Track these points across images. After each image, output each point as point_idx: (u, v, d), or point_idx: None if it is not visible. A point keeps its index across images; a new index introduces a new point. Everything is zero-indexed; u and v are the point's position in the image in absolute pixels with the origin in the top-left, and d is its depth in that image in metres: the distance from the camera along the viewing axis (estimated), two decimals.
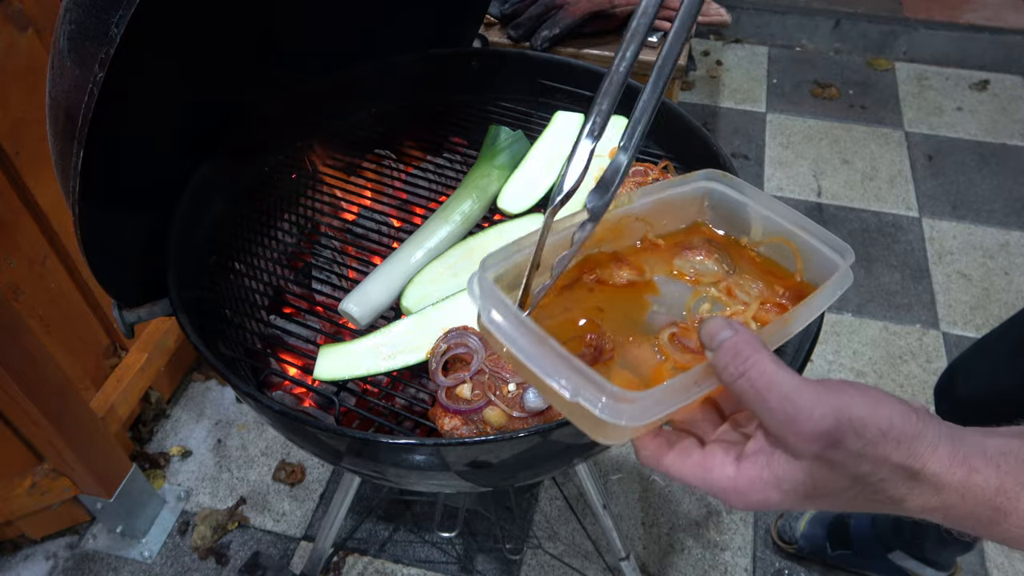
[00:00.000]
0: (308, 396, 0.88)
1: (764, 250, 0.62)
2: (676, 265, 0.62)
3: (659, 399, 0.45)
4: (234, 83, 1.00)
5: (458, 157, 1.13)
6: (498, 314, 0.49)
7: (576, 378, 0.45)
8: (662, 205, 0.63)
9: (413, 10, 1.10)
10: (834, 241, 0.58)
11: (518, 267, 0.56)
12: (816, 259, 0.59)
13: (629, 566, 1.34)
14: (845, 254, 0.57)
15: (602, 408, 0.44)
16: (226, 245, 0.98)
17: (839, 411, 0.40)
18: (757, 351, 0.42)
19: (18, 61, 1.20)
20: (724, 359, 0.43)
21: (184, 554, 1.51)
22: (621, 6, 1.61)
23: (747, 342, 0.43)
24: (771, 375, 0.41)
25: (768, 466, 0.42)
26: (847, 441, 0.40)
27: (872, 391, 0.42)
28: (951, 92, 2.75)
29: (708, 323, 0.45)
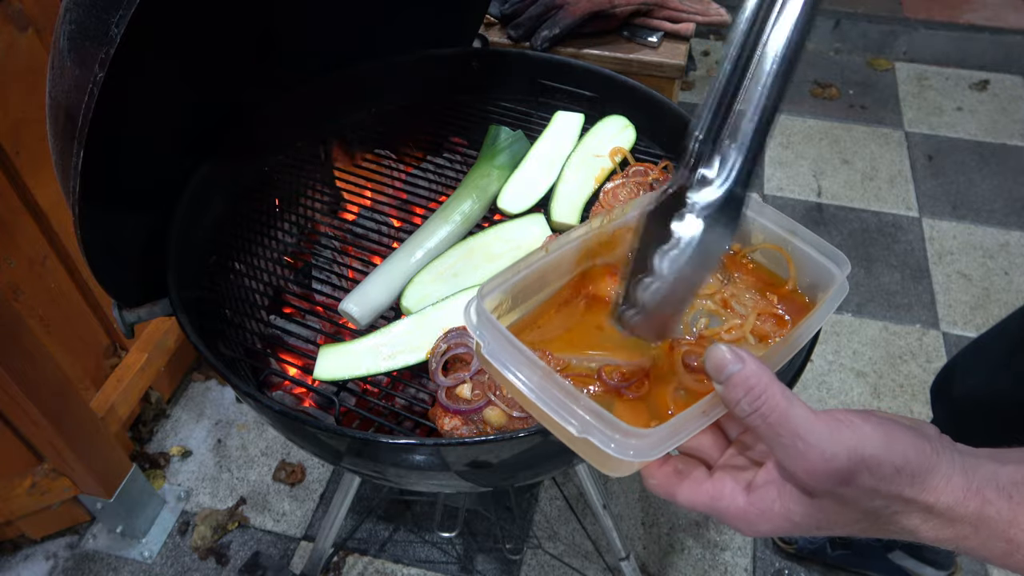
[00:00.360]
0: (308, 396, 0.88)
1: (757, 257, 0.62)
2: None
3: (668, 434, 0.45)
4: (234, 83, 1.00)
5: (458, 157, 1.13)
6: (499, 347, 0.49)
7: (584, 415, 0.44)
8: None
9: (413, 10, 1.10)
10: (828, 249, 0.58)
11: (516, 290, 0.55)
12: (810, 266, 0.59)
13: (629, 566, 1.34)
14: (841, 264, 0.56)
15: (611, 444, 0.44)
16: (226, 245, 0.98)
17: (852, 450, 0.40)
18: (768, 385, 0.42)
19: (18, 61, 1.20)
20: (736, 394, 0.43)
21: (184, 554, 1.51)
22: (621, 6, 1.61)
23: (757, 375, 0.42)
24: (783, 411, 0.41)
25: (779, 499, 0.42)
26: (860, 479, 0.40)
27: (886, 424, 0.41)
28: (951, 92, 2.75)
29: (714, 354, 0.44)
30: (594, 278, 0.61)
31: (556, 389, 0.46)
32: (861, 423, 0.41)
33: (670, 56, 1.56)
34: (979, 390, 1.13)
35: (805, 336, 0.54)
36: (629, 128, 1.06)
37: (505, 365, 0.48)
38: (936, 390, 1.23)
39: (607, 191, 0.97)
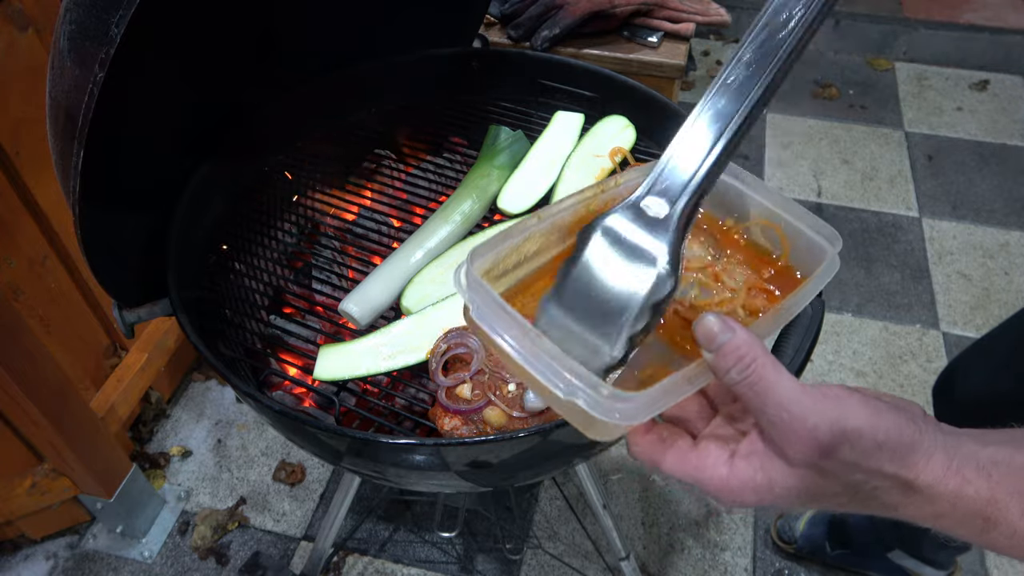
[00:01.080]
0: (308, 396, 0.88)
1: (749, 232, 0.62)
2: None
3: (653, 398, 0.45)
4: (234, 83, 1.00)
5: (458, 157, 1.13)
6: (487, 309, 0.48)
7: (570, 377, 0.44)
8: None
9: (413, 10, 1.10)
10: (821, 226, 0.57)
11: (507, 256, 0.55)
12: (802, 243, 0.58)
13: (629, 566, 1.34)
14: (833, 240, 0.56)
15: (596, 407, 0.43)
16: (226, 245, 0.98)
17: (835, 422, 0.40)
18: (759, 355, 0.42)
19: (18, 61, 1.20)
20: (726, 363, 0.43)
21: (184, 554, 1.51)
22: (621, 6, 1.61)
23: (748, 344, 0.43)
24: (771, 381, 0.42)
25: (762, 469, 0.43)
26: (841, 451, 0.40)
27: (871, 401, 0.42)
28: (951, 92, 2.75)
29: (704, 322, 0.44)
30: None
31: (543, 352, 0.45)
32: (846, 397, 0.41)
33: (670, 56, 1.56)
34: (981, 391, 1.13)
35: (794, 309, 0.53)
36: (629, 128, 1.06)
37: (493, 327, 0.47)
38: (938, 391, 1.23)
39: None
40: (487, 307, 0.49)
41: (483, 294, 0.49)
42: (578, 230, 0.58)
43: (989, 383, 1.11)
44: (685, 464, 0.45)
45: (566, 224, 0.59)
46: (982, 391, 1.12)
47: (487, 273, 0.54)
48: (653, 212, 0.49)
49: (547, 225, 0.57)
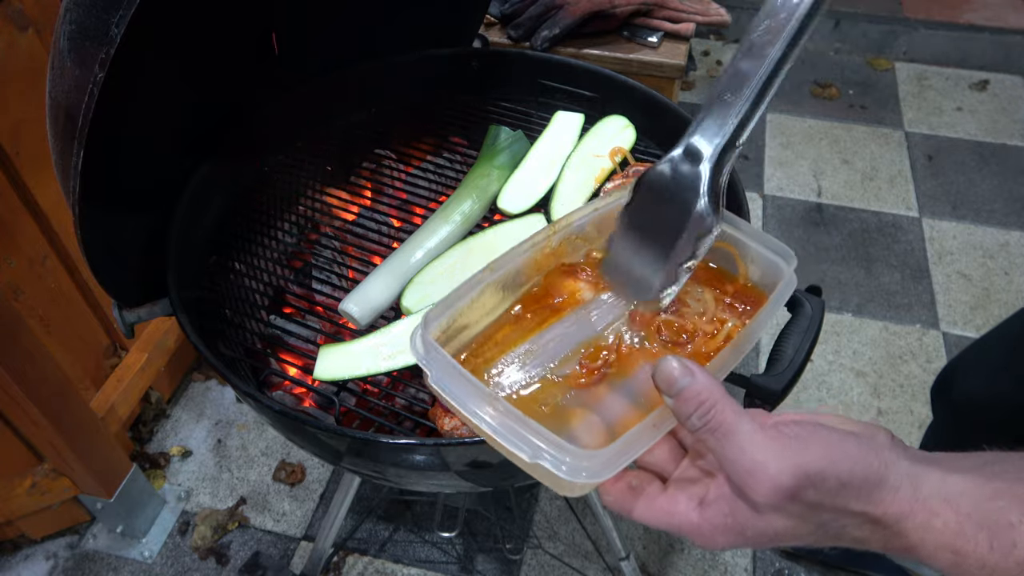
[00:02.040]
0: (308, 396, 0.88)
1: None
2: None
3: (618, 452, 0.45)
4: (234, 83, 1.00)
5: (458, 157, 1.13)
6: (446, 376, 0.49)
7: (534, 440, 0.45)
8: (601, 220, 0.63)
9: (413, 10, 1.10)
10: (775, 244, 0.58)
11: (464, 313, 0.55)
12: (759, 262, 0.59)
13: (629, 566, 1.34)
14: (787, 258, 0.57)
15: (561, 467, 0.44)
16: (226, 245, 0.99)
17: (797, 467, 0.40)
18: (718, 400, 0.43)
19: (18, 61, 1.20)
20: (687, 409, 0.43)
21: (184, 554, 1.51)
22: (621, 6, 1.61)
23: (708, 389, 0.43)
24: (731, 425, 0.42)
25: (731, 514, 0.43)
26: (805, 494, 0.41)
27: (835, 438, 0.42)
28: (951, 92, 2.75)
29: (663, 367, 0.45)
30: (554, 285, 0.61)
31: (505, 416, 0.46)
32: (809, 436, 0.42)
33: (670, 56, 1.56)
34: (979, 392, 1.13)
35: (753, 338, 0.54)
36: (629, 128, 1.06)
37: (453, 395, 0.48)
38: (936, 391, 1.23)
39: (607, 191, 0.97)
40: (445, 374, 0.49)
41: (440, 360, 0.50)
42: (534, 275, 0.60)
43: (987, 384, 1.11)
44: (656, 511, 0.46)
45: (520, 270, 0.60)
46: (980, 392, 1.12)
47: (444, 333, 0.54)
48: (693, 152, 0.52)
49: (500, 275, 0.58)
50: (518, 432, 0.45)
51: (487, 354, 0.56)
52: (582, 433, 0.51)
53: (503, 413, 0.46)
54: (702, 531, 0.44)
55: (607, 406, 0.53)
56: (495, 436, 0.46)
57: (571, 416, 0.52)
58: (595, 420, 0.52)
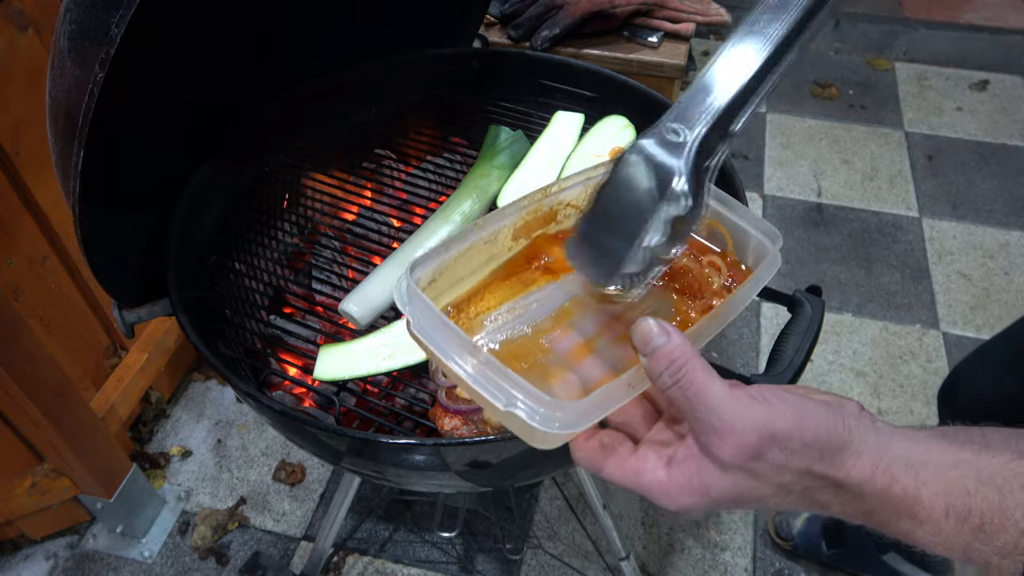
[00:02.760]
0: (308, 396, 0.88)
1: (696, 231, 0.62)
2: None
3: (593, 405, 0.46)
4: (234, 83, 1.00)
5: (458, 157, 1.13)
6: (427, 323, 0.49)
7: (509, 389, 0.45)
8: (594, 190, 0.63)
9: (413, 10, 1.10)
10: (763, 224, 0.58)
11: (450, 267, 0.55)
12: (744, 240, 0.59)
13: (629, 566, 1.34)
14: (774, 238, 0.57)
15: (535, 417, 0.44)
16: (226, 245, 0.98)
17: (763, 425, 0.41)
18: (690, 359, 0.43)
19: (18, 61, 1.20)
20: (659, 366, 0.44)
21: (184, 554, 1.51)
22: (621, 6, 1.61)
23: (680, 348, 0.44)
24: (701, 385, 0.42)
25: (698, 473, 0.44)
26: (769, 454, 0.41)
27: (801, 402, 0.43)
28: (951, 92, 2.75)
29: (641, 326, 0.45)
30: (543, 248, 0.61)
31: (483, 364, 0.46)
32: (775, 399, 0.42)
33: (670, 56, 1.56)
34: (986, 394, 1.13)
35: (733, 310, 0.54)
36: (629, 128, 1.06)
37: (433, 342, 0.48)
38: (942, 397, 1.23)
39: None
40: (427, 321, 0.49)
41: (423, 308, 0.50)
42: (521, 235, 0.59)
43: (994, 386, 1.11)
44: (625, 470, 0.46)
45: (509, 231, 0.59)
46: (987, 394, 1.12)
47: (430, 285, 0.54)
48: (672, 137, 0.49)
49: (489, 232, 0.57)
50: (494, 380, 0.45)
51: (470, 310, 0.56)
52: (559, 391, 0.51)
53: (481, 362, 0.46)
54: (668, 491, 0.44)
55: (587, 368, 0.53)
56: (471, 383, 0.46)
57: (550, 374, 0.52)
58: (573, 379, 0.52)
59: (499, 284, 0.58)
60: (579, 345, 0.55)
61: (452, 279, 0.56)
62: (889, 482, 0.41)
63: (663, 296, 0.59)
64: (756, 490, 0.43)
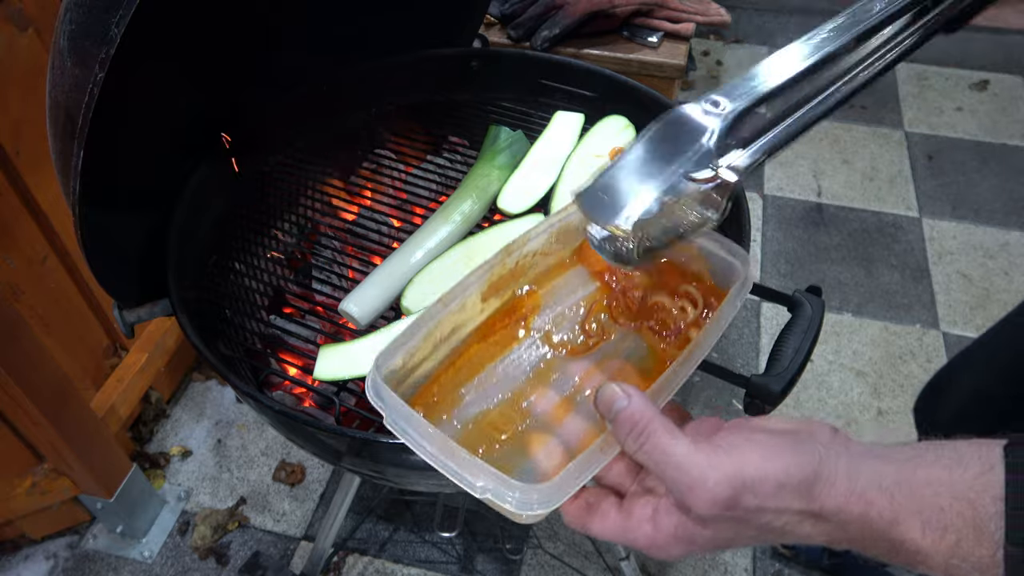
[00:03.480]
0: (308, 396, 0.88)
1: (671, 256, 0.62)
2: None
3: (569, 478, 0.46)
4: (234, 83, 1.00)
5: (458, 157, 1.13)
6: (398, 417, 0.50)
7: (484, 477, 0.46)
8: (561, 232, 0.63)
9: (413, 10, 1.10)
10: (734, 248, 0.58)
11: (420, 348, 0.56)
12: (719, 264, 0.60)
13: (629, 566, 1.34)
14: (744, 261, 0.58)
15: (510, 502, 0.45)
16: (226, 245, 0.98)
17: (732, 476, 0.42)
18: (651, 421, 0.44)
19: (18, 61, 1.20)
20: (622, 433, 0.45)
21: (184, 554, 1.51)
22: (621, 6, 1.61)
23: (640, 411, 0.45)
24: (664, 447, 0.43)
25: (681, 525, 0.44)
26: (744, 501, 0.42)
27: (769, 443, 0.43)
28: (951, 92, 2.75)
29: (604, 391, 0.46)
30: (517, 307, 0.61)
31: (452, 457, 0.48)
32: (742, 444, 0.43)
33: (670, 56, 1.56)
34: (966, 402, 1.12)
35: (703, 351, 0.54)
36: (629, 128, 1.06)
37: (406, 434, 0.50)
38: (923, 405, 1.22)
39: None
40: (399, 416, 0.50)
41: (392, 403, 0.51)
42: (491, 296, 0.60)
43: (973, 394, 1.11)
44: (613, 527, 0.47)
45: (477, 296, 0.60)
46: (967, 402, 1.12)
47: (398, 372, 0.55)
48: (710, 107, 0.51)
49: (456, 304, 0.58)
50: (469, 469, 0.47)
51: (447, 383, 0.57)
52: (542, 458, 0.52)
53: (448, 453, 0.48)
54: (656, 543, 0.45)
55: (568, 428, 0.54)
56: (447, 473, 0.48)
57: (530, 442, 0.53)
58: (554, 444, 0.53)
59: (475, 349, 0.59)
60: (557, 405, 0.56)
61: (421, 359, 0.57)
62: (865, 507, 0.41)
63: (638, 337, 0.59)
64: (739, 533, 0.44)
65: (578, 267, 0.63)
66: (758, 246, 2.19)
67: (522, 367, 0.58)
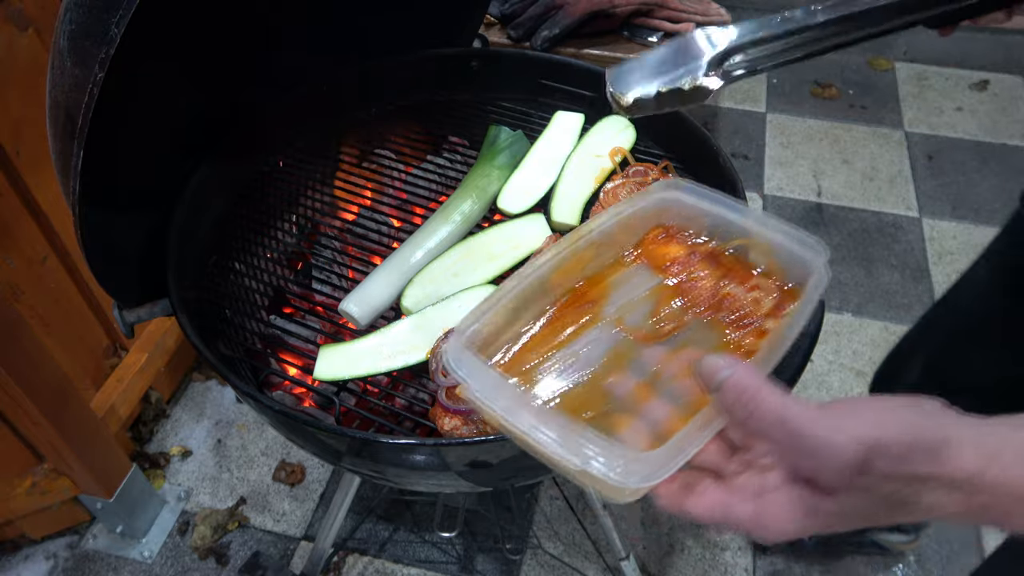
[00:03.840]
0: (308, 396, 0.88)
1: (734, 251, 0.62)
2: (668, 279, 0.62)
3: (670, 454, 0.44)
4: (234, 83, 1.00)
5: (458, 157, 1.13)
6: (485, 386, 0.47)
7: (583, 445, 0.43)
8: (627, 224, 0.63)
9: (413, 10, 1.10)
10: (804, 238, 0.58)
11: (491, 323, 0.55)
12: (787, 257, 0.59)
13: (629, 566, 1.34)
14: (818, 250, 0.57)
15: (613, 472, 0.43)
16: (226, 245, 0.99)
17: (860, 439, 0.39)
18: (760, 387, 0.41)
19: (18, 61, 1.20)
20: (729, 399, 0.42)
21: (184, 554, 1.51)
22: (621, 6, 1.61)
23: (747, 378, 0.42)
24: (779, 411, 0.40)
25: (799, 499, 0.42)
26: (875, 465, 0.39)
27: (887, 406, 0.41)
28: (951, 92, 2.75)
29: (704, 363, 0.44)
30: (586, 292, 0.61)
31: (554, 425, 0.45)
32: (863, 409, 0.40)
33: None
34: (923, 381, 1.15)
35: (792, 333, 0.53)
36: (629, 128, 1.06)
37: (494, 403, 0.47)
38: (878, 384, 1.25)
39: (607, 191, 0.97)
40: (484, 383, 0.48)
41: (478, 370, 0.48)
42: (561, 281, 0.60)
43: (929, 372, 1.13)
44: (712, 504, 0.44)
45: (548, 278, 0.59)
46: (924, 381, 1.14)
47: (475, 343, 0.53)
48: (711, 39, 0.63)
49: (528, 283, 0.57)
50: (566, 438, 0.44)
51: (522, 364, 0.55)
52: (629, 439, 0.49)
53: (549, 421, 0.45)
54: (763, 520, 0.42)
55: (652, 410, 0.51)
56: (541, 445, 0.44)
57: (616, 423, 0.51)
58: (640, 426, 0.50)
59: (546, 332, 0.57)
60: (639, 386, 0.53)
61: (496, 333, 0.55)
62: (1001, 470, 0.39)
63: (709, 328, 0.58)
64: (863, 506, 0.41)
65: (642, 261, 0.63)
66: None
67: (597, 350, 0.56)
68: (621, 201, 0.64)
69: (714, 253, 0.62)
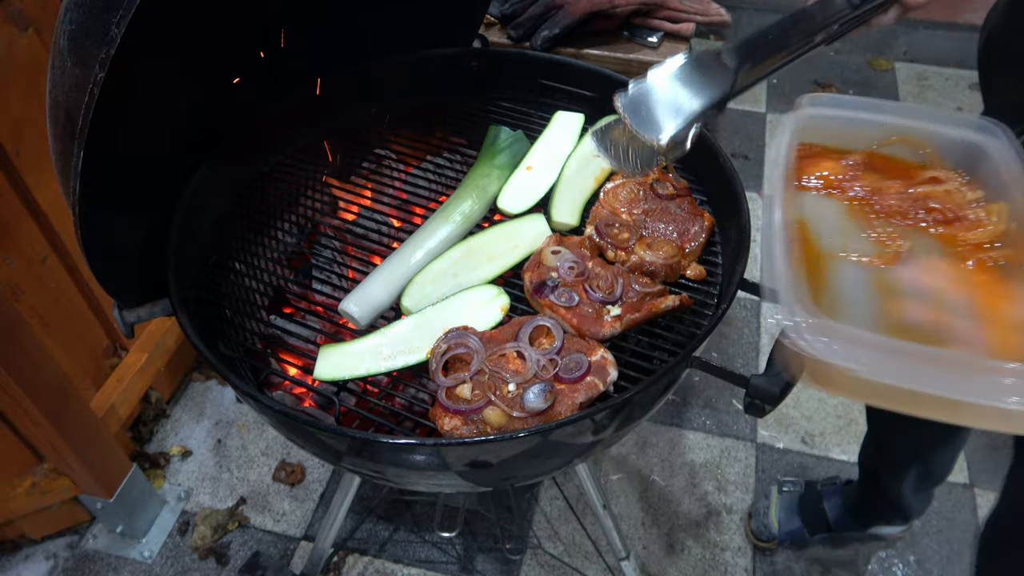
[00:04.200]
0: (308, 396, 0.88)
1: (893, 151, 0.60)
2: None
3: None
4: (234, 83, 1.00)
5: (458, 157, 1.13)
6: (869, 348, 0.40)
7: (1009, 376, 0.36)
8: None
9: (413, 10, 1.10)
10: (969, 121, 0.54)
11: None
12: (950, 143, 0.56)
13: (629, 566, 1.34)
14: (988, 131, 0.53)
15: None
16: (226, 245, 0.99)
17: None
18: None
19: (18, 61, 1.20)
20: None
21: (184, 554, 1.51)
22: (621, 6, 1.61)
23: None
24: None
25: None
26: None
27: None
28: (951, 92, 2.74)
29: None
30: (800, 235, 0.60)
31: (972, 364, 0.38)
32: None
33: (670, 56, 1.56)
34: None
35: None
36: None
37: (854, 357, 0.40)
38: None
39: (607, 191, 0.97)
40: (864, 345, 0.41)
41: (849, 334, 0.41)
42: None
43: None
44: None
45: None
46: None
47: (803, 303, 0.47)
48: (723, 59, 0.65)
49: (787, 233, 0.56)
50: (993, 372, 0.37)
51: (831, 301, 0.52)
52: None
53: (966, 362, 0.39)
54: None
55: (958, 331, 0.47)
56: (956, 394, 0.37)
57: (946, 343, 0.47)
58: (963, 347, 0.46)
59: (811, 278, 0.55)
60: (930, 312, 0.50)
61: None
62: None
63: (918, 233, 0.55)
64: None
65: (811, 190, 0.62)
66: (758, 246, 2.19)
67: (861, 287, 0.53)
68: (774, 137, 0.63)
69: (869, 159, 0.60)
